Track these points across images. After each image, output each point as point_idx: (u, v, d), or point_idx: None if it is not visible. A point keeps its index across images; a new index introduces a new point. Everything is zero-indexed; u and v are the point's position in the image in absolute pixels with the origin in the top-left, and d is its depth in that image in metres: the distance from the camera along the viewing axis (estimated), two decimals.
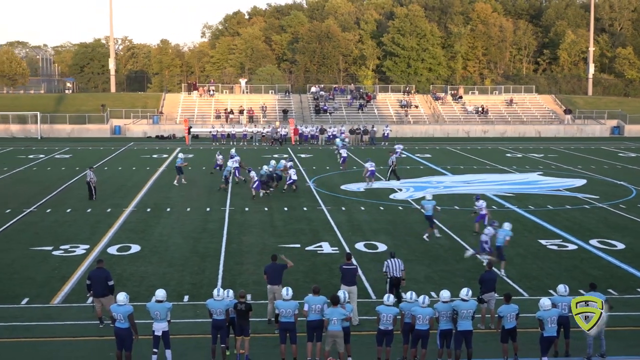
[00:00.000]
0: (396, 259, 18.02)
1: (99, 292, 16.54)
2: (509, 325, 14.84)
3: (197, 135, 67.40)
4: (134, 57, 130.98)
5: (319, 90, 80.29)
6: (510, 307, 14.92)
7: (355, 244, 24.89)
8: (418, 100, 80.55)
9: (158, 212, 30.65)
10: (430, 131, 72.84)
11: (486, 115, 77.12)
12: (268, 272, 17.10)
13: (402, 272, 17.83)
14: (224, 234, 26.34)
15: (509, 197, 34.31)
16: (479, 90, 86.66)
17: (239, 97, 79.24)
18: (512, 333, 14.87)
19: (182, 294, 19.04)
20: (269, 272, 17.08)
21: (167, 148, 58.00)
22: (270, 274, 17.04)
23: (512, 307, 14.93)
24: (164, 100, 77.85)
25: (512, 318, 14.83)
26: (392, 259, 17.94)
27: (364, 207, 31.83)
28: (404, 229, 27.53)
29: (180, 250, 23.85)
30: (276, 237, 26.01)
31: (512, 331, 14.86)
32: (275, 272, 17.04)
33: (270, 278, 17.01)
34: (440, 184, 39.01)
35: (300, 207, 31.72)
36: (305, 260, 22.57)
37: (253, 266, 21.72)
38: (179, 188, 36.96)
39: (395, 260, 17.90)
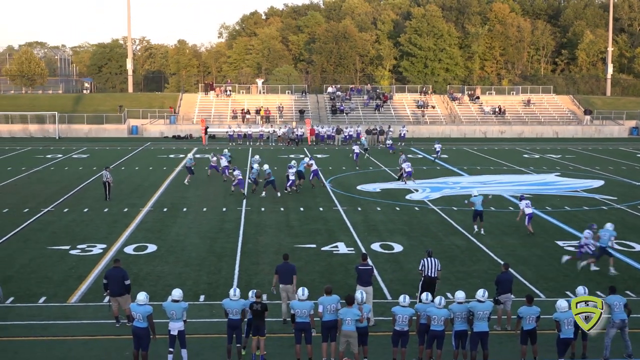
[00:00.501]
0: (433, 258, 17.85)
1: (115, 291, 16.61)
2: (528, 327, 14.74)
3: (214, 136, 67.55)
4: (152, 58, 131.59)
5: (336, 91, 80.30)
6: (531, 309, 14.81)
7: (371, 244, 24.87)
8: (435, 100, 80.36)
9: (174, 212, 30.76)
10: (447, 132, 72.65)
11: (503, 116, 76.80)
12: (280, 272, 17.13)
13: (438, 272, 17.71)
14: (240, 234, 26.39)
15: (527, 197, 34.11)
16: (496, 90, 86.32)
17: (256, 97, 79.41)
18: (532, 335, 14.76)
19: (198, 294, 19.10)
20: (281, 271, 17.11)
21: (184, 148, 58.19)
22: (282, 274, 17.07)
23: (533, 309, 14.82)
24: (181, 101, 78.16)
25: (531, 320, 14.72)
26: (429, 258, 17.74)
27: (379, 208, 31.79)
28: (420, 229, 27.47)
29: (196, 250, 23.92)
30: (292, 237, 26.03)
31: (532, 333, 14.75)
32: (287, 272, 17.07)
33: (281, 277, 17.05)
34: (457, 185, 38.89)
35: (316, 207, 31.73)
36: (321, 261, 22.58)
37: (269, 266, 21.72)
38: (195, 188, 37.09)
39: (432, 260, 17.75)
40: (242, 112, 72.95)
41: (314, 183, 36.93)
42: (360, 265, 17.21)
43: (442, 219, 29.59)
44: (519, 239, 25.92)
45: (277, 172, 41.17)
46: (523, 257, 23.38)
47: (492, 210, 31.40)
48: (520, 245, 25.07)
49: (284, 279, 17.02)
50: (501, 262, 20.94)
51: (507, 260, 21.49)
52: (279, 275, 17.08)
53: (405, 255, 23.48)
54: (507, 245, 25.06)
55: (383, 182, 39.36)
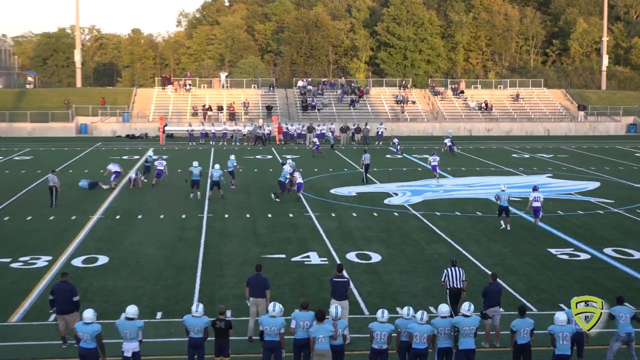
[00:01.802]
0: (457, 267, 17.88)
1: (62, 308, 16.43)
2: (522, 341, 14.81)
3: (172, 135, 67.22)
4: (103, 49, 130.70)
5: (307, 85, 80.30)
6: (524, 322, 14.89)
7: (347, 253, 24.86)
8: (415, 95, 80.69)
9: (128, 219, 30.55)
10: (428, 129, 72.98)
11: (490, 112, 77.33)
12: (251, 284, 17.05)
13: (464, 283, 17.75)
14: (202, 244, 26.27)
15: (516, 201, 34.36)
16: (482, 84, 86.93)
17: (219, 92, 79.14)
18: (525, 350, 14.81)
19: (156, 310, 18.95)
20: (253, 283, 17.04)
21: (139, 149, 57.83)
22: (253, 286, 17.00)
23: (526, 322, 14.90)
24: (135, 96, 77.64)
25: (526, 333, 14.80)
26: (453, 268, 17.77)
27: (355, 213, 31.82)
28: (400, 237, 27.53)
29: (153, 262, 23.76)
30: (259, 246, 25.95)
31: (526, 347, 14.81)
32: (259, 284, 17.00)
33: (253, 290, 16.97)
34: (440, 188, 39.07)
35: (285, 214, 31.67)
36: (291, 272, 22.53)
37: (234, 279, 21.64)
38: (151, 193, 36.88)
39: (456, 269, 17.78)
40: (204, 109, 72.64)
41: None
42: (335, 277, 17.17)
43: (424, 225, 29.69)
44: (508, 246, 26.08)
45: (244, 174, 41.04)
46: (512, 266, 23.52)
47: (478, 215, 31.60)
48: (509, 253, 25.22)
49: (256, 292, 16.96)
50: (489, 272, 21.04)
51: (496, 270, 21.61)
52: (251, 288, 17.02)
53: (384, 265, 23.51)
54: (495, 253, 25.20)
55: (359, 185, 39.41)
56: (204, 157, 50.48)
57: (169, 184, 39.37)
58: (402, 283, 21.47)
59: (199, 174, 35.49)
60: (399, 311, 17.13)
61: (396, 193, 37.15)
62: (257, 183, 40.21)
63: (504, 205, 28.77)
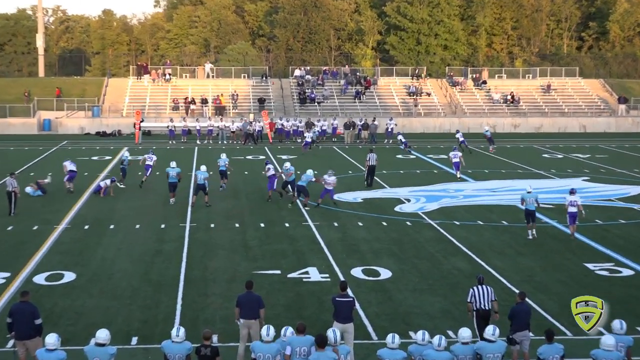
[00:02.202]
0: (485, 285, 17.87)
1: (22, 332, 16.38)
2: None
3: (150, 132, 67.19)
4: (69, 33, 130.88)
5: (305, 74, 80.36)
6: (553, 348, 14.84)
7: (352, 269, 24.83)
8: (430, 86, 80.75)
9: (99, 229, 30.53)
10: (446, 125, 73.00)
11: (517, 105, 77.36)
12: (242, 304, 17.02)
13: (494, 303, 17.74)
14: (184, 258, 26.24)
15: (547, 209, 34.33)
16: (508, 73, 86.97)
17: (203, 83, 79.16)
18: None
19: (130, 335, 18.92)
20: (244, 302, 17.01)
21: (111, 148, 57.81)
22: (244, 306, 16.97)
23: (555, 348, 14.85)
24: (107, 87, 77.66)
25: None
26: (480, 287, 17.76)
27: (362, 223, 31.80)
28: (413, 249, 27.51)
29: (127, 279, 23.72)
30: (250, 260, 25.93)
31: None
32: (251, 304, 16.97)
33: (244, 311, 16.94)
34: (459, 193, 39.05)
35: (280, 223, 31.67)
36: (287, 291, 22.50)
37: (221, 298, 21.61)
38: (125, 199, 36.87)
39: (484, 288, 17.75)
40: (186, 102, 72.67)
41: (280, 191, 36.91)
42: (338, 297, 17.14)
43: (440, 236, 29.67)
44: (538, 261, 26.05)
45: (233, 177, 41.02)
46: (543, 283, 23.48)
47: (503, 225, 31.58)
48: (539, 268, 25.18)
49: (247, 313, 16.92)
50: (516, 291, 21.01)
51: (524, 288, 21.54)
52: (241, 309, 16.98)
53: (394, 282, 23.47)
54: (523, 268, 25.16)
55: (365, 191, 39.39)
56: (186, 158, 50.51)
57: (146, 189, 39.36)
58: (416, 303, 21.43)
59: (177, 176, 35.59)
60: (413, 336, 17.09)
61: (408, 199, 37.13)
62: (247, 187, 40.20)
63: (531, 209, 28.91)
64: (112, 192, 38.11)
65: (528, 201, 28.94)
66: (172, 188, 35.72)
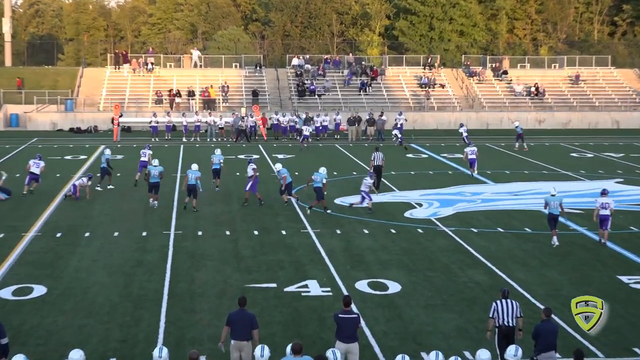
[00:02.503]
0: (510, 299, 17.88)
1: None
2: None
3: (130, 128, 67.16)
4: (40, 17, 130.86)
5: (304, 63, 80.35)
6: None
7: (356, 282, 24.81)
8: (445, 76, 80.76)
9: (73, 237, 30.49)
10: (462, 120, 72.87)
11: (542, 98, 77.36)
12: (233, 322, 17.01)
13: (519, 320, 17.76)
14: (168, 269, 26.22)
15: (575, 214, 34.32)
16: (532, 62, 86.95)
17: (190, 74, 79.19)
18: None
19: (108, 356, 18.91)
20: (235, 321, 17.00)
21: (86, 146, 57.80)
22: (236, 325, 16.97)
23: None
24: (82, 78, 77.67)
25: None
26: (504, 300, 17.78)
27: (368, 230, 31.79)
28: (426, 260, 27.49)
29: (104, 293, 23.69)
30: (242, 272, 25.90)
31: None
32: (244, 323, 16.96)
33: (235, 330, 16.95)
34: (477, 197, 39.03)
35: (276, 230, 31.67)
36: (284, 306, 22.48)
37: (209, 315, 21.59)
38: (102, 203, 36.84)
39: (508, 302, 17.75)
40: (170, 95, 72.69)
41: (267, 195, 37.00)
42: (341, 313, 17.12)
43: (456, 245, 29.66)
44: (565, 273, 26.03)
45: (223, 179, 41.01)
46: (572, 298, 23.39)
47: (526, 232, 31.56)
48: (567, 281, 25.16)
49: (239, 333, 16.90)
50: (541, 307, 20.98)
51: (550, 304, 21.51)
52: (232, 328, 16.98)
53: (404, 297, 23.45)
54: (549, 281, 25.13)
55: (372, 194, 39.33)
56: (170, 157, 50.48)
57: (125, 193, 39.33)
58: (428, 320, 21.41)
59: (159, 175, 35.65)
60: (425, 357, 17.07)
61: (420, 203, 37.11)
62: (239, 190, 40.11)
63: (555, 214, 28.98)
64: (88, 195, 37.97)
65: (552, 205, 29.01)
66: (152, 189, 35.79)
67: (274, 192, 38.03)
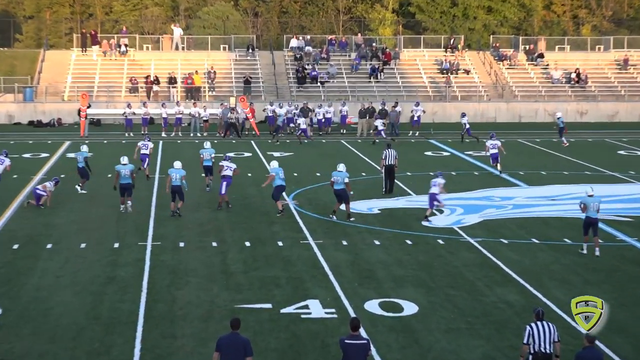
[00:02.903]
0: (546, 322, 17.91)
1: None
2: None
3: (99, 121, 67.17)
4: None
5: (304, 45, 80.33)
6: None
7: (366, 302, 24.82)
8: (470, 61, 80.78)
9: (33, 250, 30.49)
10: (490, 112, 73.04)
11: (584, 86, 77.33)
12: (224, 348, 17.07)
13: (557, 345, 17.81)
14: (144, 287, 26.23)
15: (623, 223, 34.30)
16: (572, 44, 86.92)
17: (170, 57, 79.22)
18: None
19: None
20: (226, 347, 17.06)
21: (48, 142, 57.81)
22: (227, 351, 17.04)
23: None
24: (43, 62, 77.68)
25: None
26: (540, 323, 17.79)
27: (379, 241, 31.81)
28: (447, 276, 27.49)
29: (70, 314, 23.70)
30: (232, 291, 25.91)
31: None
32: (236, 348, 17.03)
33: (226, 357, 17.02)
34: (508, 202, 39.03)
35: (272, 240, 31.71)
36: (281, 331, 22.48)
37: (192, 340, 21.61)
38: (68, 209, 36.84)
39: (544, 325, 17.77)
40: (147, 82, 72.63)
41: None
42: (347, 339, 17.12)
43: (483, 258, 29.68)
44: (611, 291, 26.03)
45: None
46: (619, 321, 23.43)
47: (565, 244, 31.52)
48: (614, 302, 25.11)
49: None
50: (582, 331, 20.98)
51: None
52: (222, 355, 17.04)
53: (422, 319, 23.47)
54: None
55: (383, 199, 39.41)
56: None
57: (94, 197, 39.31)
58: (450, 347, 21.41)
59: (130, 175, 35.77)
60: None
61: (441, 210, 37.10)
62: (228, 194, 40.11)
63: (593, 217, 29.03)
64: (49, 202, 37.90)
65: (591, 207, 29.08)
66: (123, 192, 35.87)
67: (268, 196, 38.05)
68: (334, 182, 35.14)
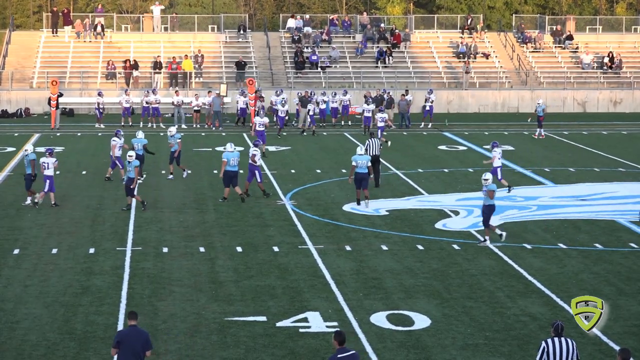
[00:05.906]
0: (565, 338, 17.91)
1: None
2: None
3: (72, 111, 67.18)
4: None
5: (303, 26, 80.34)
6: None
7: (372, 314, 24.87)
8: (490, 43, 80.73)
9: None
10: (512, 101, 73.02)
11: (618, 72, 77.31)
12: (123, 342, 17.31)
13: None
14: (123, 297, 26.28)
15: None
16: (605, 24, 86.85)
17: (152, 39, 79.20)
18: None
19: None
20: (126, 339, 17.27)
21: (15, 135, 57.88)
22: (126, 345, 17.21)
23: None
24: (9, 45, 77.67)
25: None
26: (558, 339, 17.80)
27: (387, 246, 31.84)
28: (464, 286, 27.54)
29: (40, 329, 23.74)
30: (222, 302, 25.94)
31: None
32: (136, 341, 17.24)
33: (125, 353, 17.19)
34: (531, 202, 39.04)
35: (266, 245, 31.77)
36: (276, 347, 22.52)
37: (177, 357, 21.64)
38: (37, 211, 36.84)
39: (563, 342, 17.78)
40: (127, 67, 72.63)
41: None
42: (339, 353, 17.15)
43: (503, 266, 29.71)
44: None
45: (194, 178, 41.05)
46: None
47: (597, 249, 31.53)
48: None
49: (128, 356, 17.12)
50: (616, 348, 21.02)
51: (629, 344, 21.56)
52: (121, 350, 17.21)
53: (435, 334, 23.53)
54: (628, 314, 25.14)
55: (392, 199, 39.44)
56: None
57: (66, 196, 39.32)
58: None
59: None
60: None
61: (456, 211, 37.14)
62: (217, 193, 40.13)
63: None
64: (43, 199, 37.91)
65: None
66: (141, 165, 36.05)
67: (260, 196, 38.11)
68: (356, 166, 35.64)
